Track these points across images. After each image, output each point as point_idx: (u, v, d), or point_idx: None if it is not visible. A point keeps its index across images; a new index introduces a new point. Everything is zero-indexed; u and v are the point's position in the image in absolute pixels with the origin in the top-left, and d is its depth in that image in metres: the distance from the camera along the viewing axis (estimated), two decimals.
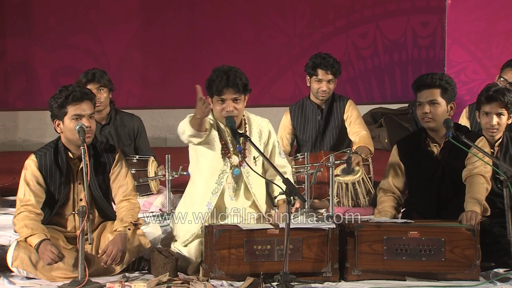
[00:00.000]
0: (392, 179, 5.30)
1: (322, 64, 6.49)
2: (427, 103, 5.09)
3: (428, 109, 5.08)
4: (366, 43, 11.08)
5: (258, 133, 5.07)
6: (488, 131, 5.27)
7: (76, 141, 4.78)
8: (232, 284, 4.59)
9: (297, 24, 10.90)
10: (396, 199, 5.28)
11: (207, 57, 10.51)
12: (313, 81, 6.56)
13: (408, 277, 4.69)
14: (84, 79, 6.21)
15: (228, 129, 4.96)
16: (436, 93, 5.09)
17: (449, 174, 5.10)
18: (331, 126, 6.63)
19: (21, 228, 4.73)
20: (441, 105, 5.08)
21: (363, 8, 11.04)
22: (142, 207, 5.38)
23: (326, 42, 10.92)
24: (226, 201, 5.01)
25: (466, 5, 8.69)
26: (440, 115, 5.08)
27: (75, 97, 4.76)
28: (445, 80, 5.12)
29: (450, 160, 5.11)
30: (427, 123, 5.12)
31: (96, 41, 10.46)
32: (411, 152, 5.24)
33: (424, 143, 5.19)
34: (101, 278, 4.71)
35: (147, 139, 6.57)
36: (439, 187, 5.13)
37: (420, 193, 5.21)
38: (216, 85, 4.87)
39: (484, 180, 4.99)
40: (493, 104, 5.24)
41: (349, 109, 6.63)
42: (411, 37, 11.11)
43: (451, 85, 5.12)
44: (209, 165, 4.99)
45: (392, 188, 5.29)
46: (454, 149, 5.05)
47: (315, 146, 6.62)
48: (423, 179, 5.17)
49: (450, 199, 5.09)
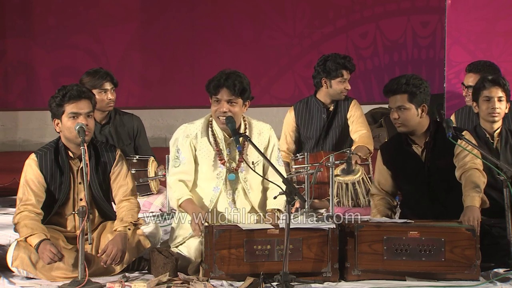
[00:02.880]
0: (380, 184, 5.33)
1: (346, 65, 6.57)
2: (396, 109, 5.08)
3: (396, 115, 5.08)
4: (366, 43, 11.08)
5: (258, 136, 5.07)
6: (489, 116, 5.28)
7: (74, 140, 4.79)
8: (232, 284, 4.59)
9: (297, 24, 10.90)
10: (387, 200, 5.31)
11: (207, 57, 10.51)
12: (336, 82, 6.58)
13: (408, 277, 4.69)
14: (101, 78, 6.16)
15: (224, 134, 4.99)
16: (403, 98, 5.06)
17: (436, 174, 5.10)
18: (335, 125, 6.67)
19: (21, 227, 4.73)
20: (410, 109, 5.06)
21: (363, 8, 11.04)
22: (142, 207, 5.38)
23: (326, 42, 10.92)
24: (225, 205, 5.01)
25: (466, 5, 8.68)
26: (410, 119, 5.07)
27: (72, 96, 4.77)
28: (412, 84, 5.06)
29: (434, 160, 5.11)
30: (399, 129, 5.14)
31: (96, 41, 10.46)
32: (394, 156, 5.25)
33: (406, 143, 5.20)
34: (101, 278, 4.71)
35: (147, 139, 6.57)
36: (429, 187, 5.13)
37: (412, 194, 5.22)
38: (213, 84, 4.90)
39: (479, 173, 4.97)
40: (495, 88, 5.27)
41: (353, 109, 6.67)
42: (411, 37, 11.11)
43: (419, 88, 5.06)
44: (205, 170, 5.02)
45: (381, 193, 5.32)
46: (437, 149, 5.07)
47: (318, 144, 6.66)
48: (410, 181, 5.18)
49: (443, 198, 5.10)
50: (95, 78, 6.15)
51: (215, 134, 5.03)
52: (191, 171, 5.02)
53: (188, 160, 4.99)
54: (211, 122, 5.06)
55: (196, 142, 5.01)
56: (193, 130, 5.04)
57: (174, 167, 5.02)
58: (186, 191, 4.95)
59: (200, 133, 5.02)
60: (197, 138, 5.01)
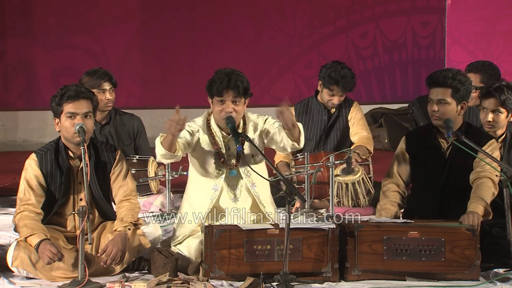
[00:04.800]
0: (397, 169, 5.26)
1: (340, 84, 6.44)
2: (436, 102, 5.06)
3: (436, 107, 5.05)
4: (366, 43, 11.08)
5: (253, 128, 5.06)
6: (484, 126, 5.28)
7: (72, 140, 4.80)
8: (232, 284, 4.59)
9: (297, 24, 10.89)
10: (399, 195, 5.23)
11: (207, 57, 10.50)
12: (326, 92, 6.53)
13: (408, 277, 4.69)
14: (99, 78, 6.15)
15: (222, 133, 4.99)
16: (447, 92, 5.04)
17: (455, 174, 5.07)
18: (337, 127, 6.65)
19: (21, 227, 4.73)
20: (451, 104, 5.04)
21: (363, 8, 11.04)
22: (142, 207, 5.38)
23: (326, 42, 10.92)
24: (226, 202, 5.01)
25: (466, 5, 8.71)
26: (448, 114, 5.04)
27: (70, 96, 4.78)
28: (458, 79, 5.04)
29: (457, 159, 5.07)
30: (435, 121, 5.09)
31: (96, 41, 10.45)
32: (419, 145, 5.20)
33: (433, 137, 5.16)
34: (101, 278, 4.71)
35: (147, 139, 6.57)
36: (443, 187, 5.10)
37: (423, 192, 5.19)
38: (217, 86, 4.89)
39: (492, 184, 4.95)
40: (489, 100, 5.24)
41: (353, 111, 6.65)
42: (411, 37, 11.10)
43: (464, 85, 5.04)
44: (205, 168, 5.02)
45: (396, 178, 5.24)
46: (462, 150, 4.98)
47: (319, 146, 6.64)
48: (426, 176, 5.14)
49: (453, 203, 5.06)
50: (93, 78, 6.15)
51: (214, 133, 5.03)
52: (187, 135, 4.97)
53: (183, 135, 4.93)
54: (209, 121, 5.06)
55: (198, 135, 5.02)
56: (195, 127, 5.04)
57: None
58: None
59: (201, 130, 5.03)
60: (199, 133, 5.02)
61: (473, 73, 6.27)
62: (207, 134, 5.04)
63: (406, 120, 10.01)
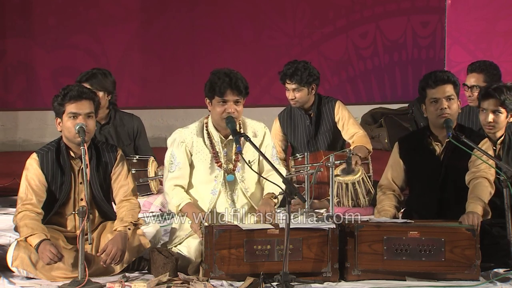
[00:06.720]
0: (392, 176, 5.26)
1: (286, 74, 6.48)
2: (445, 99, 5.06)
3: (446, 104, 5.05)
4: (366, 43, 11.09)
5: (253, 135, 5.06)
6: (485, 127, 5.27)
7: (73, 140, 4.80)
8: (232, 284, 4.59)
9: (297, 24, 10.90)
10: (396, 197, 5.24)
11: (207, 57, 10.51)
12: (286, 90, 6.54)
13: (408, 277, 4.69)
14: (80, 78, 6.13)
15: (220, 136, 4.98)
16: (451, 88, 5.07)
17: (452, 175, 5.07)
18: (322, 130, 6.59)
19: (22, 227, 4.72)
20: (455, 100, 5.08)
21: (363, 8, 11.05)
22: (142, 207, 5.38)
23: (326, 42, 10.93)
24: (224, 206, 5.01)
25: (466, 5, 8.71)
26: (455, 110, 5.07)
27: (72, 96, 4.78)
28: (452, 75, 5.12)
29: (452, 161, 5.07)
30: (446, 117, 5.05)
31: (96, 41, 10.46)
32: (412, 150, 5.22)
33: (426, 141, 5.17)
34: (101, 278, 4.71)
35: (147, 139, 6.57)
36: (441, 188, 5.10)
37: (422, 193, 5.19)
38: (219, 87, 4.87)
39: (488, 183, 4.95)
40: (489, 101, 5.24)
41: (339, 111, 6.56)
42: (411, 37, 11.11)
43: (458, 80, 5.14)
44: (202, 174, 5.02)
45: (391, 185, 5.26)
46: (457, 150, 4.99)
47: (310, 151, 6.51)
48: (424, 179, 5.15)
49: (452, 203, 5.06)
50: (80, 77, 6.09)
51: (211, 136, 5.02)
52: (187, 176, 5.02)
53: (183, 165, 4.99)
54: (206, 124, 5.05)
55: (191, 147, 5.01)
56: (187, 135, 5.03)
57: (170, 172, 5.01)
58: (184, 196, 4.95)
59: (195, 137, 5.01)
60: (192, 143, 5.01)
61: (476, 73, 6.28)
62: (204, 138, 5.01)
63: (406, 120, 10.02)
